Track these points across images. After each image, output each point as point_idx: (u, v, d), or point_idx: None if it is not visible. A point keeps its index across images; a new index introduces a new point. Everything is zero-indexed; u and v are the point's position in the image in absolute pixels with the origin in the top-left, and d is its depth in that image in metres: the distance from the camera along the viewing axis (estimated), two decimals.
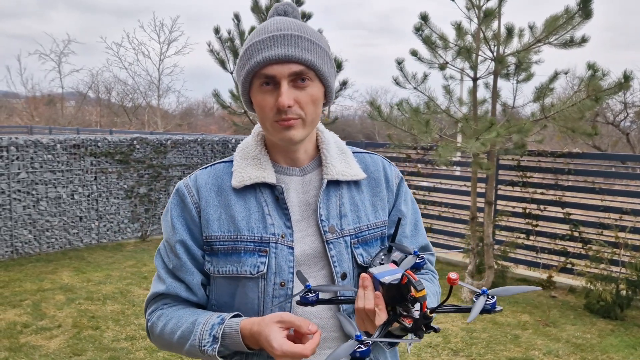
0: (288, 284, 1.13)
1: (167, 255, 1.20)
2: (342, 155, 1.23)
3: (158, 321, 1.18)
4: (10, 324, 4.43)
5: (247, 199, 1.16)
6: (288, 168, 1.20)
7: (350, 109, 29.54)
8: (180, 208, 1.18)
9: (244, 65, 1.10)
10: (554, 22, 4.68)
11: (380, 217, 1.23)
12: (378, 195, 1.24)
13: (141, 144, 7.49)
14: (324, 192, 1.18)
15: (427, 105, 5.35)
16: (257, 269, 1.12)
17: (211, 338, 1.07)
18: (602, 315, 4.84)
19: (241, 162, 1.19)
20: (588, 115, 5.53)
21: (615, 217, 5.42)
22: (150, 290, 1.23)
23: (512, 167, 6.12)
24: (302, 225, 1.17)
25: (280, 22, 1.11)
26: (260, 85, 1.10)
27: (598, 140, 15.14)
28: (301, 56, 1.08)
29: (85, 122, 24.61)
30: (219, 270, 1.15)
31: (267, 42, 1.08)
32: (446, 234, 6.91)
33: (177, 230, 1.17)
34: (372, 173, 1.25)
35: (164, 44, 31.10)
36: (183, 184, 1.20)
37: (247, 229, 1.14)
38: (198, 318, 1.12)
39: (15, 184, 6.37)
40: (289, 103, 1.07)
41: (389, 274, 0.97)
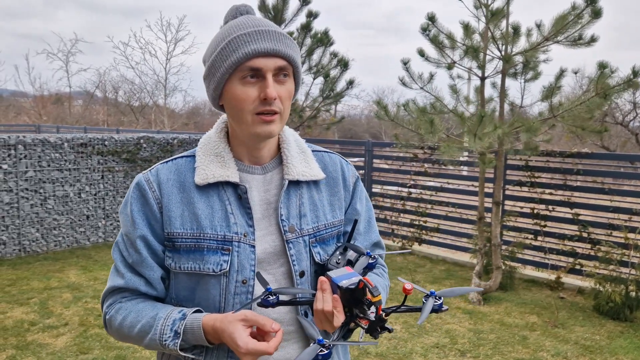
0: (249, 281, 1.15)
1: (126, 250, 1.19)
2: (302, 155, 1.25)
3: (117, 314, 1.18)
4: (17, 322, 4.45)
5: (210, 196, 1.16)
6: (250, 166, 1.21)
7: (356, 108, 29.52)
8: (140, 203, 1.17)
9: (227, 57, 1.09)
10: (562, 20, 4.64)
11: (337, 216, 1.26)
12: (336, 195, 1.27)
13: (148, 143, 7.50)
14: (285, 192, 1.20)
15: (432, 105, 5.32)
16: (220, 267, 1.14)
17: (172, 333, 1.09)
18: (612, 316, 4.80)
19: (204, 159, 1.18)
20: (597, 115, 5.49)
21: (624, 217, 5.37)
22: (108, 283, 1.23)
23: (520, 167, 6.08)
24: (263, 224, 1.19)
25: (258, 19, 1.13)
26: (242, 77, 1.10)
27: (607, 140, 15.04)
28: (286, 52, 1.10)
29: (93, 121, 24.73)
30: (181, 267, 1.16)
31: (253, 36, 1.09)
32: (453, 234, 6.87)
33: (138, 225, 1.16)
34: (330, 172, 1.28)
35: (170, 43, 31.17)
36: (144, 178, 1.19)
37: (211, 227, 1.14)
38: (159, 312, 1.13)
39: (23, 183, 6.39)
40: (276, 95, 1.09)
41: (346, 278, 1.02)
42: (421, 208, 7.10)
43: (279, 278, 1.19)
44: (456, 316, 4.83)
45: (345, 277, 1.02)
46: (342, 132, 25.41)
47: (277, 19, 6.52)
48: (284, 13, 6.52)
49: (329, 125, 8.61)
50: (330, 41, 6.82)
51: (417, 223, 7.12)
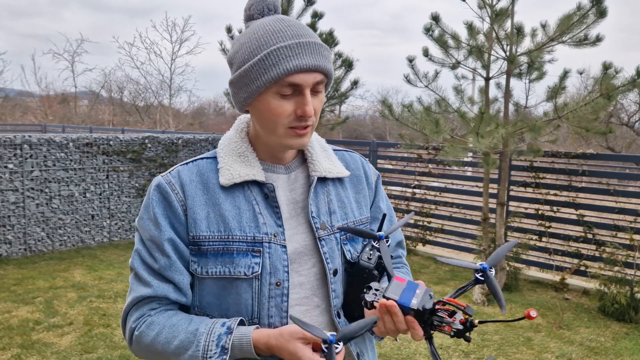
0: (283, 283, 1.11)
1: (150, 256, 1.12)
2: (324, 153, 1.24)
3: (148, 330, 1.10)
4: (22, 321, 4.47)
5: (236, 197, 1.13)
6: (274, 166, 1.18)
7: (361, 108, 29.48)
8: (163, 206, 1.12)
9: (265, 70, 1.04)
10: (567, 20, 4.62)
11: (364, 214, 1.26)
12: (360, 192, 1.27)
13: (153, 143, 7.53)
14: (313, 190, 1.18)
15: (438, 103, 5.31)
16: (252, 270, 1.09)
17: (219, 349, 1.03)
18: (617, 318, 4.78)
19: (227, 159, 1.15)
20: (602, 116, 5.47)
21: (629, 219, 5.34)
22: (130, 295, 1.14)
23: (525, 168, 6.06)
24: (292, 223, 1.16)
25: (296, 26, 1.08)
26: (279, 92, 1.06)
27: (612, 141, 14.97)
28: (325, 66, 1.07)
29: (98, 121, 24.82)
30: (208, 272, 1.11)
31: (295, 49, 1.04)
32: (457, 235, 6.86)
33: (163, 228, 1.11)
34: (353, 170, 1.27)
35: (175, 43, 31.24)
36: (164, 181, 1.13)
37: (239, 229, 1.10)
38: (199, 327, 1.07)
39: (29, 182, 6.43)
40: (313, 112, 1.07)
41: (411, 294, 0.99)
42: (425, 208, 7.09)
43: (311, 279, 1.15)
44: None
45: (408, 292, 0.99)
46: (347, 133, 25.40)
47: None
48: (288, 13, 6.52)
49: (333, 125, 8.61)
50: (335, 41, 6.82)
51: (421, 224, 7.11)
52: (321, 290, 1.16)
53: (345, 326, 1.09)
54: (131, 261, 1.16)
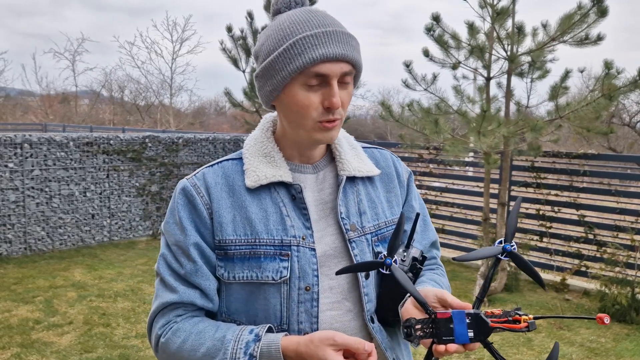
0: (313, 287, 1.07)
1: (176, 260, 1.10)
2: (353, 151, 1.19)
3: (174, 337, 1.07)
4: (22, 320, 4.47)
5: (262, 199, 1.09)
6: (301, 166, 1.14)
7: (362, 108, 29.47)
8: (188, 210, 1.09)
9: (291, 59, 1.01)
10: (568, 19, 4.61)
11: (395, 214, 1.20)
12: (392, 191, 1.22)
13: (153, 142, 7.52)
14: (342, 189, 1.14)
15: (437, 106, 5.30)
16: (280, 274, 1.06)
17: (247, 357, 0.99)
18: (617, 319, 4.77)
19: (253, 160, 1.11)
20: (604, 116, 5.45)
21: (631, 219, 5.33)
22: (156, 302, 1.12)
23: (526, 168, 6.05)
24: (321, 225, 1.12)
25: (322, 17, 1.05)
26: (305, 82, 1.02)
27: (614, 141, 14.95)
28: (353, 56, 1.03)
29: (99, 120, 24.82)
30: (235, 277, 1.08)
31: (321, 38, 1.00)
32: (458, 235, 6.85)
33: (189, 232, 1.08)
34: (383, 168, 1.22)
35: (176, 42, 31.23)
36: (190, 184, 1.11)
37: (266, 232, 1.07)
38: (226, 334, 1.03)
39: (29, 181, 6.42)
40: (340, 104, 1.03)
41: (467, 330, 0.94)
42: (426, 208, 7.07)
43: (342, 283, 1.11)
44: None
45: (460, 327, 0.94)
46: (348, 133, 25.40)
47: None
48: None
49: None
50: None
51: None
52: (353, 294, 1.12)
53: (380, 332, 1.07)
54: (157, 266, 1.14)
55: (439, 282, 1.21)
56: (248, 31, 6.83)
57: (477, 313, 0.94)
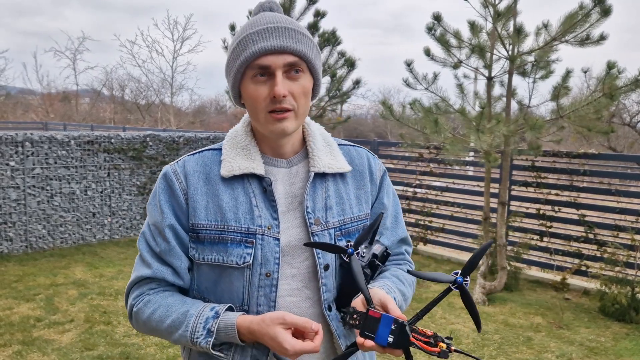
0: (273, 274, 1.15)
1: (153, 239, 1.19)
2: (328, 148, 1.25)
3: (145, 307, 1.18)
4: (23, 318, 4.48)
5: (235, 188, 1.17)
6: (275, 159, 1.21)
7: (362, 108, 29.46)
8: (167, 194, 1.18)
9: (237, 56, 1.11)
10: (570, 19, 4.61)
11: (363, 210, 1.26)
12: (362, 188, 1.27)
13: (154, 141, 7.53)
14: (311, 185, 1.19)
15: (437, 105, 5.30)
16: (243, 260, 1.14)
17: (205, 331, 1.09)
18: (617, 318, 4.78)
19: (230, 152, 1.19)
20: (604, 116, 5.46)
21: (631, 219, 5.33)
22: (133, 274, 1.22)
23: (527, 167, 6.06)
24: (288, 217, 1.18)
25: (271, 16, 1.13)
26: (253, 76, 1.11)
27: (614, 141, 14.95)
28: (296, 47, 1.10)
29: (99, 119, 24.83)
30: (204, 258, 1.16)
31: (261, 34, 1.09)
32: (458, 235, 6.86)
33: (166, 215, 1.17)
34: (357, 166, 1.28)
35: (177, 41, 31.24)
36: (171, 170, 1.20)
37: (235, 220, 1.15)
38: (190, 309, 1.13)
39: (30, 179, 6.43)
40: (284, 92, 1.08)
41: (388, 334, 1.00)
42: (426, 208, 7.09)
43: (303, 272, 1.18)
44: (460, 316, 4.82)
45: (384, 329, 1.01)
46: (348, 132, 25.39)
47: None
48: (290, 12, 6.51)
49: (335, 124, 8.61)
50: (338, 41, 6.82)
51: (422, 223, 7.11)
52: (313, 283, 1.19)
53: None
54: (138, 242, 1.23)
55: (401, 278, 1.28)
56: None
57: (403, 324, 1.00)
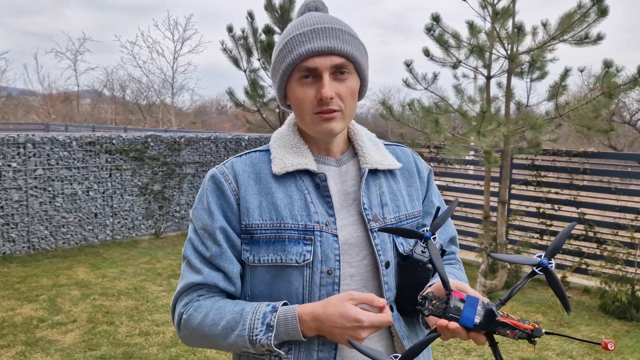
0: (335, 271, 1.11)
1: (202, 244, 1.15)
2: (375, 146, 1.24)
3: (196, 313, 1.12)
4: (26, 319, 4.50)
5: (288, 186, 1.14)
6: (325, 158, 1.19)
7: (363, 107, 29.45)
8: (216, 195, 1.15)
9: (284, 58, 1.10)
10: (568, 19, 4.63)
11: (416, 207, 1.25)
12: (412, 186, 1.26)
13: (155, 142, 7.55)
14: (365, 182, 1.18)
15: (437, 105, 5.32)
16: (303, 258, 1.10)
17: (264, 327, 1.05)
18: (617, 316, 4.79)
19: (280, 150, 1.17)
20: (604, 114, 5.47)
21: (631, 217, 5.35)
22: (181, 282, 1.17)
23: (527, 166, 6.08)
24: (343, 214, 1.16)
25: (318, 17, 1.12)
26: (300, 78, 1.09)
27: (614, 139, 14.95)
28: (343, 48, 1.08)
29: (101, 120, 24.86)
30: (260, 260, 1.13)
31: (308, 35, 1.08)
32: (459, 233, 6.87)
33: (216, 217, 1.13)
34: (405, 164, 1.27)
35: (177, 42, 31.29)
36: (219, 171, 1.17)
37: (291, 217, 1.12)
38: (245, 307, 1.09)
39: (32, 181, 6.46)
40: (332, 94, 1.07)
41: (475, 315, 0.95)
42: None
43: (362, 271, 1.15)
44: None
45: (469, 310, 0.95)
46: None
47: (283, 18, 6.54)
48: (290, 12, 6.54)
49: None
50: None
51: None
52: (373, 283, 1.16)
53: (409, 345, 1.10)
54: (184, 250, 1.19)
55: (457, 276, 1.25)
56: (249, 31, 6.85)
57: (490, 304, 0.96)
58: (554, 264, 0.94)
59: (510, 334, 0.93)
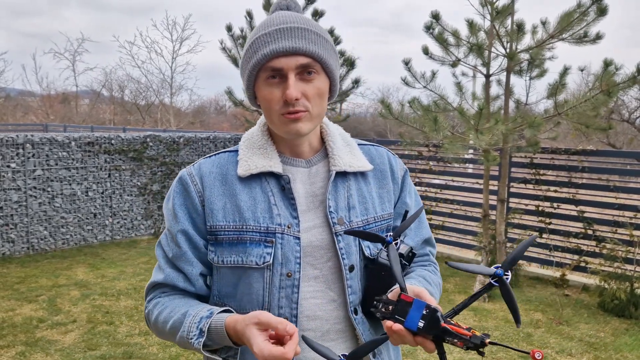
0: (294, 274, 1.11)
1: (167, 244, 1.18)
2: (347, 147, 1.22)
3: (154, 309, 1.17)
4: (26, 319, 4.50)
5: (253, 188, 1.14)
6: (294, 159, 1.18)
7: (362, 106, 29.48)
8: (183, 197, 1.16)
9: (250, 58, 1.09)
10: (568, 17, 4.64)
11: (386, 210, 1.23)
12: (384, 187, 1.24)
13: (154, 142, 7.55)
14: (332, 184, 1.16)
15: (435, 103, 5.33)
16: (263, 260, 1.11)
17: (198, 331, 1.05)
18: (616, 313, 4.80)
19: (247, 152, 1.17)
20: (603, 112, 5.48)
21: (629, 215, 5.36)
22: (151, 278, 1.21)
23: (525, 164, 6.08)
24: (309, 217, 1.15)
25: (285, 16, 1.11)
26: (266, 78, 1.09)
27: (613, 137, 14.97)
28: (308, 48, 1.07)
29: (99, 120, 24.84)
30: (224, 260, 1.14)
31: (273, 35, 1.07)
32: (458, 232, 6.88)
33: (180, 219, 1.15)
34: (378, 165, 1.25)
35: (176, 42, 31.26)
36: (186, 173, 1.18)
37: (253, 219, 1.12)
38: (189, 310, 1.10)
39: (31, 181, 6.46)
40: (297, 95, 1.06)
41: (419, 319, 0.95)
42: (426, 206, 7.11)
43: (326, 273, 1.15)
44: (461, 313, 4.84)
45: (415, 314, 0.95)
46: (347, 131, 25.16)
47: None
48: None
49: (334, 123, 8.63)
50: (337, 40, 6.84)
51: None
52: (337, 285, 1.15)
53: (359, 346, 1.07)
54: (156, 247, 1.23)
55: (428, 279, 1.23)
56: (248, 30, 6.85)
57: (436, 309, 0.95)
58: (510, 276, 0.94)
59: (458, 344, 0.93)
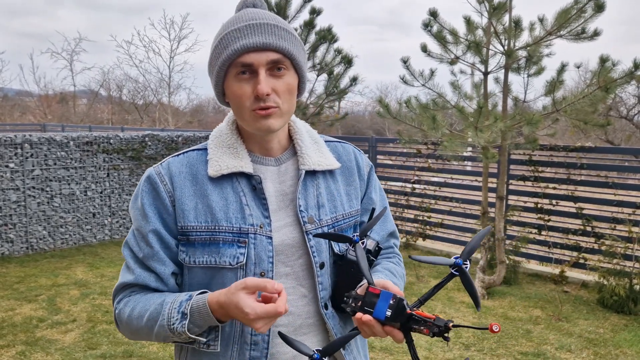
0: (268, 273, 1.13)
1: (137, 245, 1.16)
2: (315, 145, 1.24)
3: (125, 307, 1.15)
4: (26, 319, 4.50)
5: (224, 188, 1.14)
6: (263, 158, 1.19)
7: (360, 105, 29.48)
8: (152, 197, 1.15)
9: (220, 54, 1.09)
10: (565, 14, 4.64)
11: (354, 206, 1.25)
12: (352, 185, 1.26)
13: (153, 141, 7.55)
14: (302, 183, 1.18)
15: (434, 102, 5.33)
16: (237, 260, 1.11)
17: (180, 315, 1.05)
18: (615, 310, 4.82)
19: (217, 151, 1.17)
20: (601, 109, 5.49)
21: (628, 211, 5.37)
22: (118, 281, 1.19)
23: (524, 161, 6.09)
24: (280, 215, 1.17)
25: (254, 13, 1.11)
26: (236, 74, 1.09)
27: (611, 134, 14.99)
28: (278, 44, 1.08)
29: (97, 120, 24.82)
30: (196, 261, 1.13)
31: (244, 31, 1.08)
32: (457, 229, 6.89)
33: (150, 219, 1.14)
34: (345, 162, 1.27)
35: (174, 41, 31.23)
36: (154, 172, 1.16)
37: (226, 220, 1.12)
38: (166, 298, 1.10)
39: (30, 181, 6.45)
40: (268, 91, 1.06)
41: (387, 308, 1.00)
42: (425, 203, 7.12)
43: (297, 270, 1.17)
44: (460, 310, 4.86)
45: (382, 304, 1.00)
46: (346, 129, 25.40)
47: (280, 15, 6.53)
48: (286, 10, 6.53)
49: (332, 122, 8.63)
50: (334, 38, 6.83)
51: (421, 218, 7.14)
52: (308, 282, 1.18)
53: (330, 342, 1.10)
54: (122, 249, 1.21)
55: (393, 271, 1.26)
56: None
57: (402, 298, 1.00)
58: (469, 265, 0.99)
59: (425, 331, 0.97)
